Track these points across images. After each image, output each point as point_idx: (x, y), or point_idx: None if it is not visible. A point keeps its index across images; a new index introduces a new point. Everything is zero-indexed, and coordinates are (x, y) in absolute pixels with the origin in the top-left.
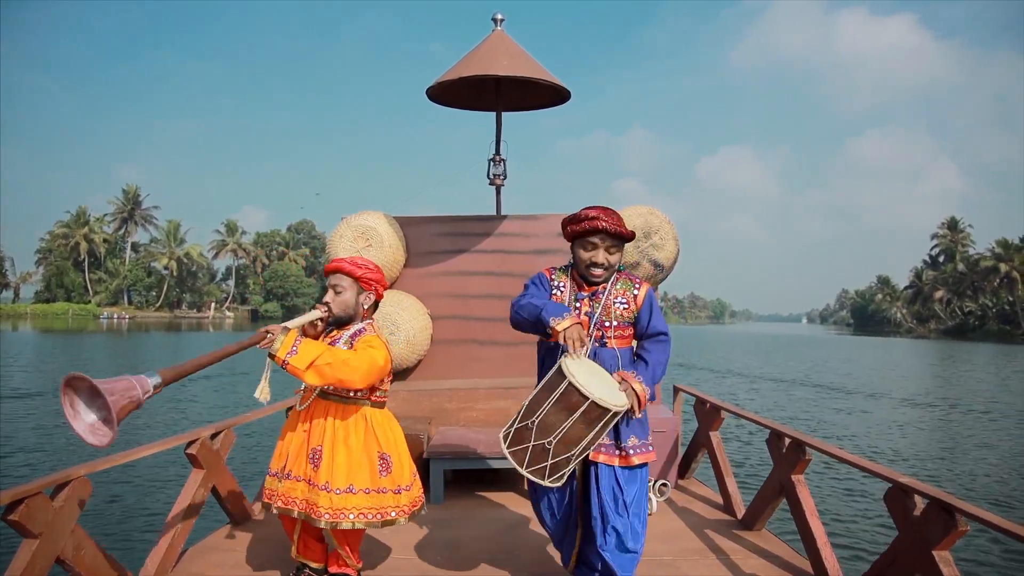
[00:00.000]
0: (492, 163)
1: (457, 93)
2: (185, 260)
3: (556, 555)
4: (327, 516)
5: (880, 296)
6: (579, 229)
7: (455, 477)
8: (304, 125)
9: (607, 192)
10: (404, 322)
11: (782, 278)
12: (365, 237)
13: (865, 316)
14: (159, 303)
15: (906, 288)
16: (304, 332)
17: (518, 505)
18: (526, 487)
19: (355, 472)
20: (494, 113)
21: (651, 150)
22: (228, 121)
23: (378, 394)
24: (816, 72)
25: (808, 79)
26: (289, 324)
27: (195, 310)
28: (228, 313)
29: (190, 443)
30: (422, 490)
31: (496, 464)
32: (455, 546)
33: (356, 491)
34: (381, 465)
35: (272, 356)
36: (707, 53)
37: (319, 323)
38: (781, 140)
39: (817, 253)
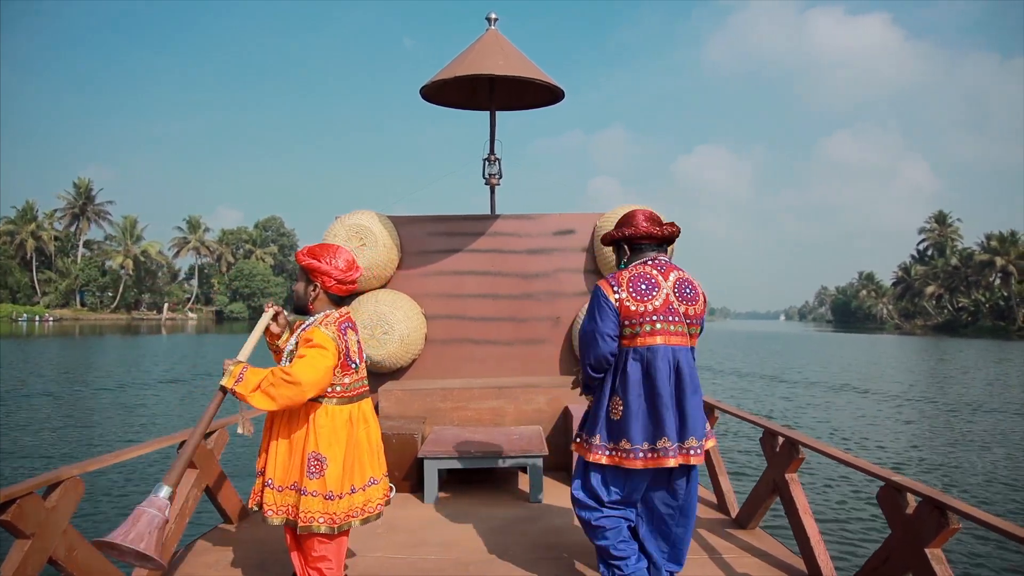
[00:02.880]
0: (487, 162)
1: (451, 92)
2: (142, 258)
3: (550, 554)
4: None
5: (864, 292)
6: None
7: (449, 477)
8: (280, 124)
9: (583, 191)
10: (398, 322)
11: (758, 276)
12: (359, 236)
13: (847, 313)
14: (115, 304)
15: (895, 284)
16: (272, 335)
17: (512, 505)
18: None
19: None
20: (488, 113)
21: (627, 149)
22: (202, 121)
23: (337, 388)
24: (790, 71)
25: (782, 78)
26: (245, 349)
27: (155, 311)
28: (191, 314)
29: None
30: (356, 503)
31: (491, 464)
32: (449, 546)
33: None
34: (311, 466)
35: (223, 389)
36: (681, 52)
37: (281, 319)
38: (756, 139)
39: (792, 251)
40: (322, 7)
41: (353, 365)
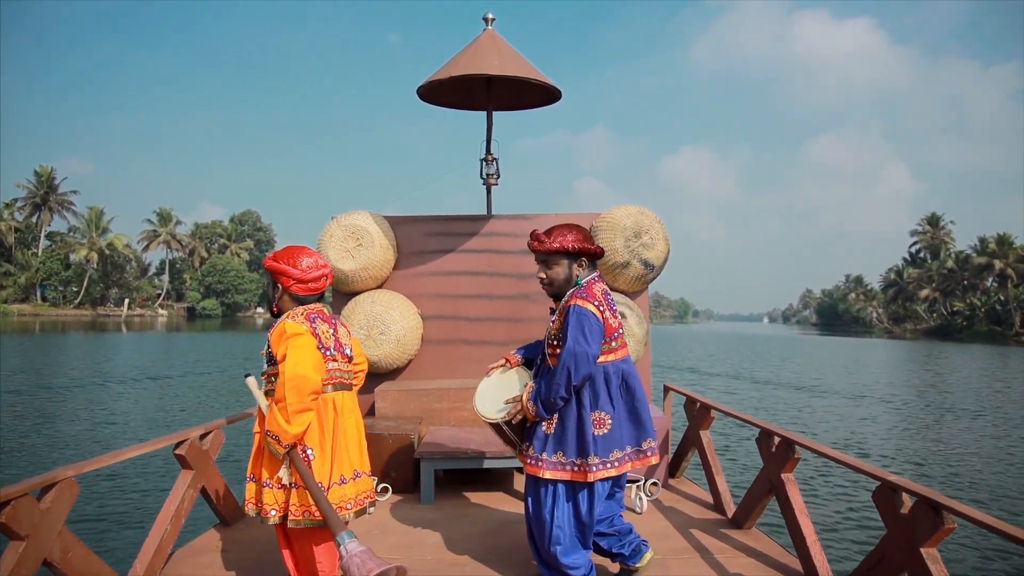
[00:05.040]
0: (484, 163)
1: (448, 92)
2: (108, 251)
3: None
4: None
5: (853, 295)
6: None
7: (445, 477)
8: (266, 121)
9: (568, 192)
10: (394, 322)
11: (741, 278)
12: (355, 237)
13: (834, 316)
14: (79, 299)
15: (888, 287)
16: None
17: (508, 505)
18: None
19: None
20: (483, 113)
21: (613, 149)
22: (183, 117)
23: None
24: (776, 73)
25: (768, 80)
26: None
27: (123, 307)
28: (161, 311)
29: (179, 444)
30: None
31: (487, 464)
32: (445, 546)
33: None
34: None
35: (287, 455)
36: (668, 53)
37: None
38: (741, 141)
39: (775, 253)
40: (308, 6)
41: (328, 352)
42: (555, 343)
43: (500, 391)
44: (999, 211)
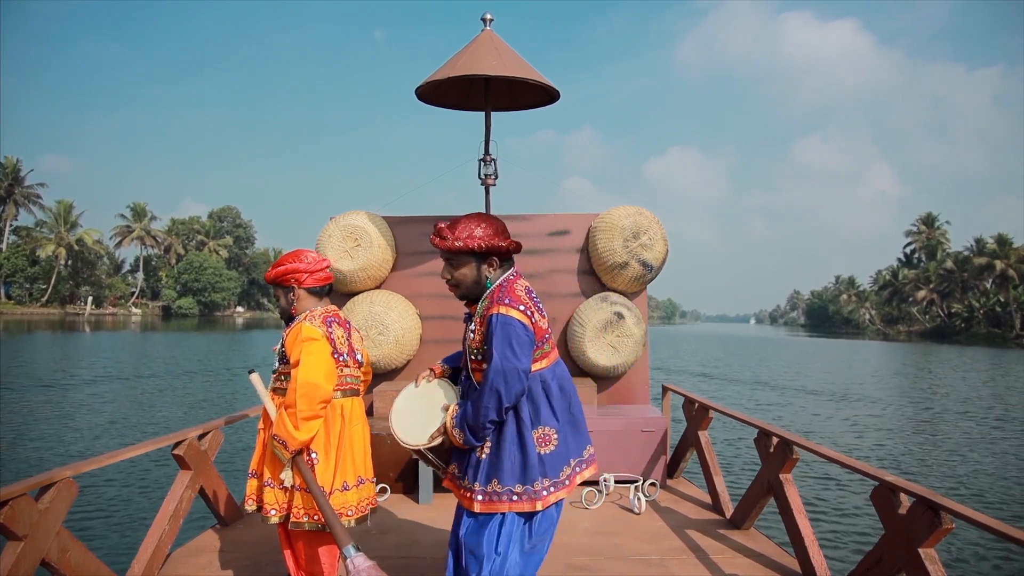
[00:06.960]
0: (483, 163)
1: (446, 93)
2: (77, 247)
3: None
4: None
5: (845, 297)
6: None
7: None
8: (249, 120)
9: (554, 192)
10: (392, 322)
11: (728, 279)
12: (354, 237)
13: (824, 317)
14: (46, 297)
15: (882, 288)
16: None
17: None
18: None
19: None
20: (479, 113)
21: (600, 150)
22: (168, 116)
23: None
24: (762, 74)
25: (754, 81)
26: (269, 409)
27: (94, 306)
28: (135, 310)
29: (177, 444)
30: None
31: None
32: (443, 546)
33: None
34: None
35: (293, 459)
36: (654, 53)
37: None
38: (728, 141)
39: (762, 254)
40: (294, 5)
41: (341, 358)
42: (479, 358)
43: (422, 409)
44: (984, 212)
